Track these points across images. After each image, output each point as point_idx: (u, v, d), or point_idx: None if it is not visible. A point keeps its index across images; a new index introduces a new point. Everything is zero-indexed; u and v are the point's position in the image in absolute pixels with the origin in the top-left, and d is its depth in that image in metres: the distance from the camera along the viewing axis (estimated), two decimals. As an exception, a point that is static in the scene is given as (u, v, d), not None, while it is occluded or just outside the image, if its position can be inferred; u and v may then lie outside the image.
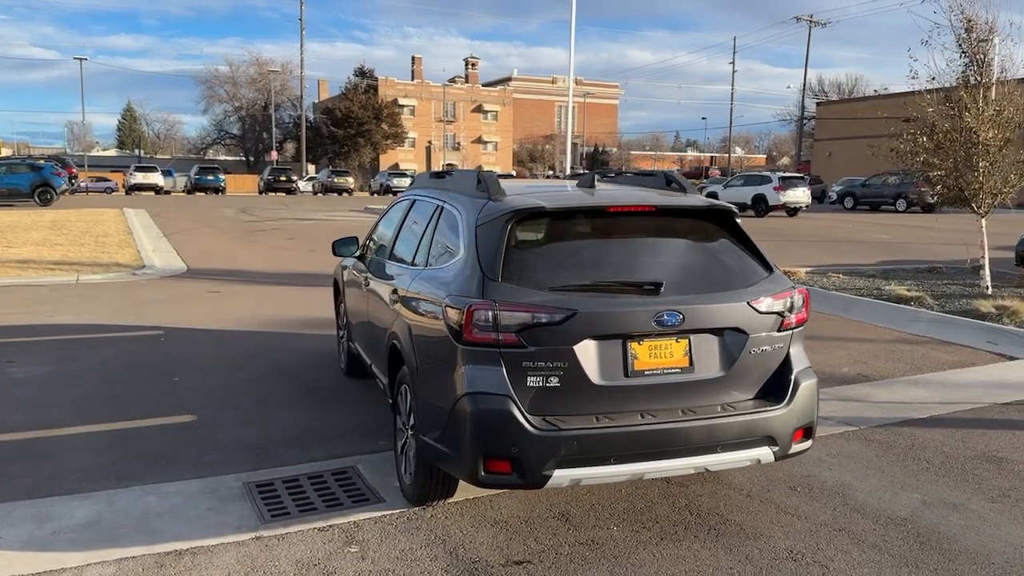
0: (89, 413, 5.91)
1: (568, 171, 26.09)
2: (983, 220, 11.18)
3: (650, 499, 4.36)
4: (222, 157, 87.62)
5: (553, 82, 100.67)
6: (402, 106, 79.85)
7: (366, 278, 5.60)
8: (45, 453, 5.10)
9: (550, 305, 3.50)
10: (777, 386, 3.85)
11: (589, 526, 4.05)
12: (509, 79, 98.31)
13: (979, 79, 10.68)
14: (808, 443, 3.94)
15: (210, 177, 49.42)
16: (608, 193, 4.35)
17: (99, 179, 55.08)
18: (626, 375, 3.60)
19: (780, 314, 3.84)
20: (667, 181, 4.59)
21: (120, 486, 4.60)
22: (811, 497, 4.40)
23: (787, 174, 31.35)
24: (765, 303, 3.80)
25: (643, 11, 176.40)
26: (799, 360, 3.94)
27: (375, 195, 53.23)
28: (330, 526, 4.10)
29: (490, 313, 3.49)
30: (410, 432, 4.29)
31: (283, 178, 51.09)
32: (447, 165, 72.35)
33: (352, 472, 4.86)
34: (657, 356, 3.65)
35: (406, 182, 54.11)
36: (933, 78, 11.11)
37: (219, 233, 20.77)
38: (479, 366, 3.54)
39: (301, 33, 65.61)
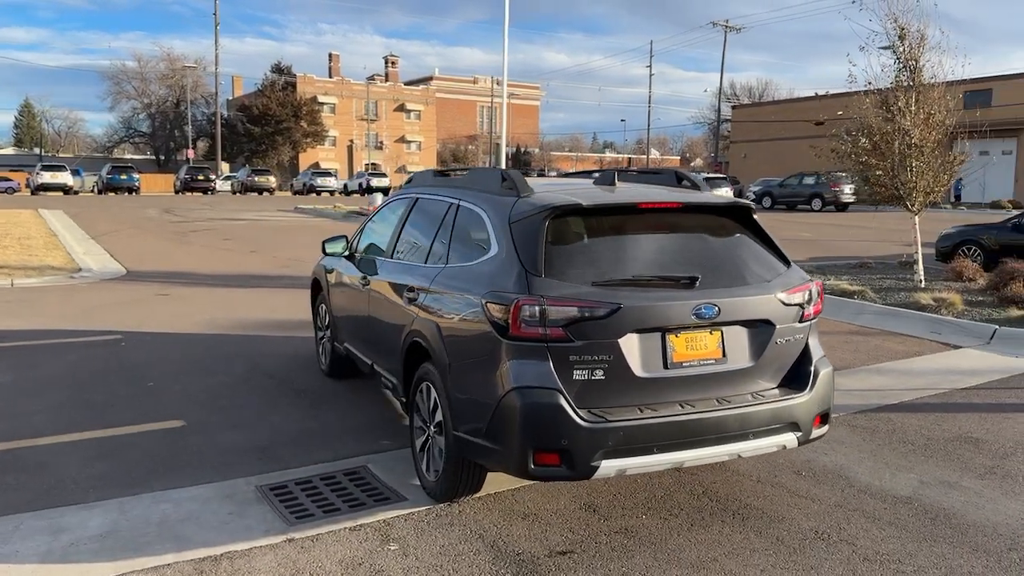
0: (69, 421, 5.68)
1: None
2: (916, 218, 11.84)
3: (667, 488, 4.50)
4: (129, 156, 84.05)
5: (475, 82, 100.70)
6: (322, 104, 78.42)
7: (364, 278, 5.57)
8: (35, 463, 4.89)
9: (596, 300, 3.60)
10: (799, 374, 4.05)
11: (618, 516, 4.16)
12: (430, 78, 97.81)
13: (912, 84, 11.29)
14: (825, 428, 4.15)
15: (124, 176, 47.43)
16: (631, 190, 4.47)
17: (-1, 179, 52.13)
18: (665, 367, 3.73)
19: (801, 306, 4.04)
20: (678, 179, 4.74)
21: (127, 494, 4.46)
22: (817, 480, 4.62)
23: (711, 175, 32.39)
24: (789, 295, 3.99)
25: (559, 14, 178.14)
26: (816, 349, 4.15)
27: (297, 195, 52.22)
28: (360, 525, 4.09)
29: (537, 308, 3.56)
30: (433, 429, 4.32)
31: (201, 177, 49.55)
32: (369, 165, 71.42)
33: (364, 472, 4.84)
34: (693, 348, 3.79)
35: (330, 181, 53.34)
36: (870, 83, 11.69)
37: (148, 234, 20.03)
38: (526, 360, 3.60)
39: (216, 28, 63.91)
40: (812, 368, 4.06)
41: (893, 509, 4.21)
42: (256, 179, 52.07)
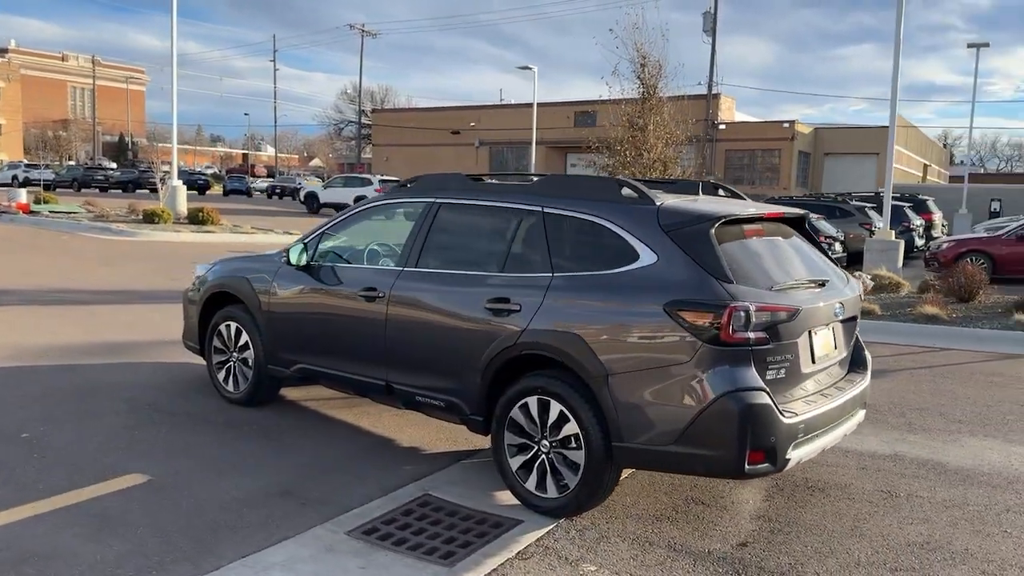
0: (-20, 494, 4.27)
1: (171, 167, 23.73)
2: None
3: (727, 474, 4.92)
4: None
5: (64, 59, 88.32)
6: None
7: (370, 290, 5.03)
8: (26, 552, 3.66)
9: (787, 304, 3.91)
10: (859, 359, 4.79)
11: (730, 505, 4.49)
12: (6, 50, 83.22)
13: (652, 105, 13.07)
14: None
15: None
16: (733, 202, 4.79)
17: None
18: (812, 362, 4.18)
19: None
20: (714, 188, 5.17)
21: (203, 571, 3.60)
22: (822, 453, 5.40)
23: (385, 177, 32.82)
24: (861, 293, 4.70)
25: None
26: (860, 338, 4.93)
27: None
28: (519, 554, 3.87)
29: (744, 314, 3.75)
30: (553, 444, 4.22)
31: None
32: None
33: (433, 500, 4.50)
34: (823, 343, 4.29)
35: None
36: (620, 100, 13.24)
37: None
38: (732, 364, 3.76)
39: None
40: (865, 354, 4.83)
41: (903, 466, 5.16)
42: None
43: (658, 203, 4.22)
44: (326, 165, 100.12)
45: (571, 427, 4.15)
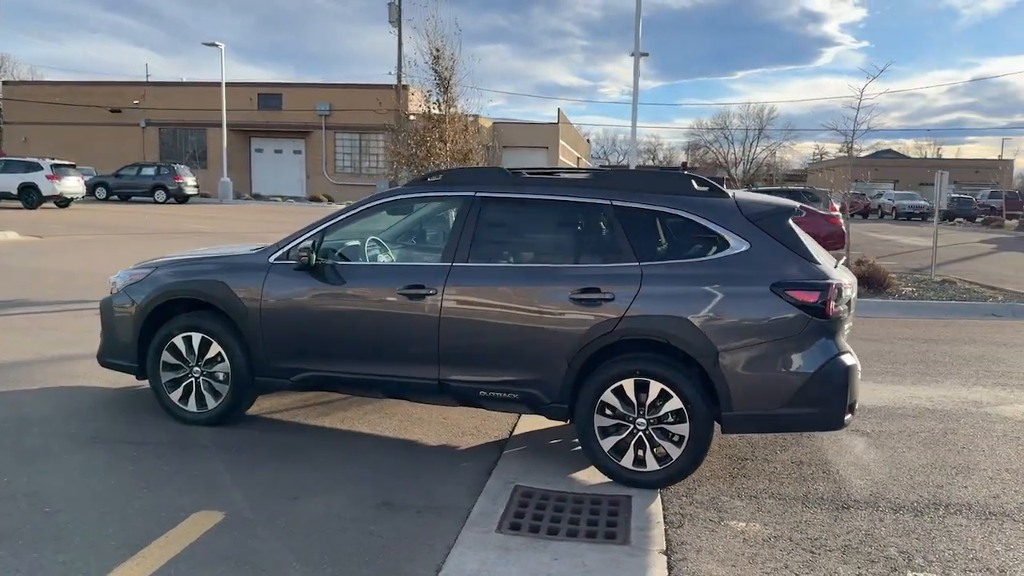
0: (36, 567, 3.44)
1: None
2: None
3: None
4: None
5: None
6: None
7: (417, 287, 4.82)
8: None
9: (851, 281, 4.66)
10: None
11: (771, 456, 5.15)
12: None
13: (445, 98, 13.36)
14: None
15: None
16: (751, 193, 5.37)
17: None
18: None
19: None
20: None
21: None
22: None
23: (60, 162, 28.16)
24: None
25: None
26: None
27: None
28: (669, 524, 4.14)
29: (839, 290, 4.41)
30: (649, 421, 4.51)
31: None
32: None
33: (534, 490, 4.56)
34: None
35: None
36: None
37: None
38: (830, 333, 4.40)
39: None
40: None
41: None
42: None
43: (733, 197, 4.72)
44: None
45: (673, 403, 4.47)
